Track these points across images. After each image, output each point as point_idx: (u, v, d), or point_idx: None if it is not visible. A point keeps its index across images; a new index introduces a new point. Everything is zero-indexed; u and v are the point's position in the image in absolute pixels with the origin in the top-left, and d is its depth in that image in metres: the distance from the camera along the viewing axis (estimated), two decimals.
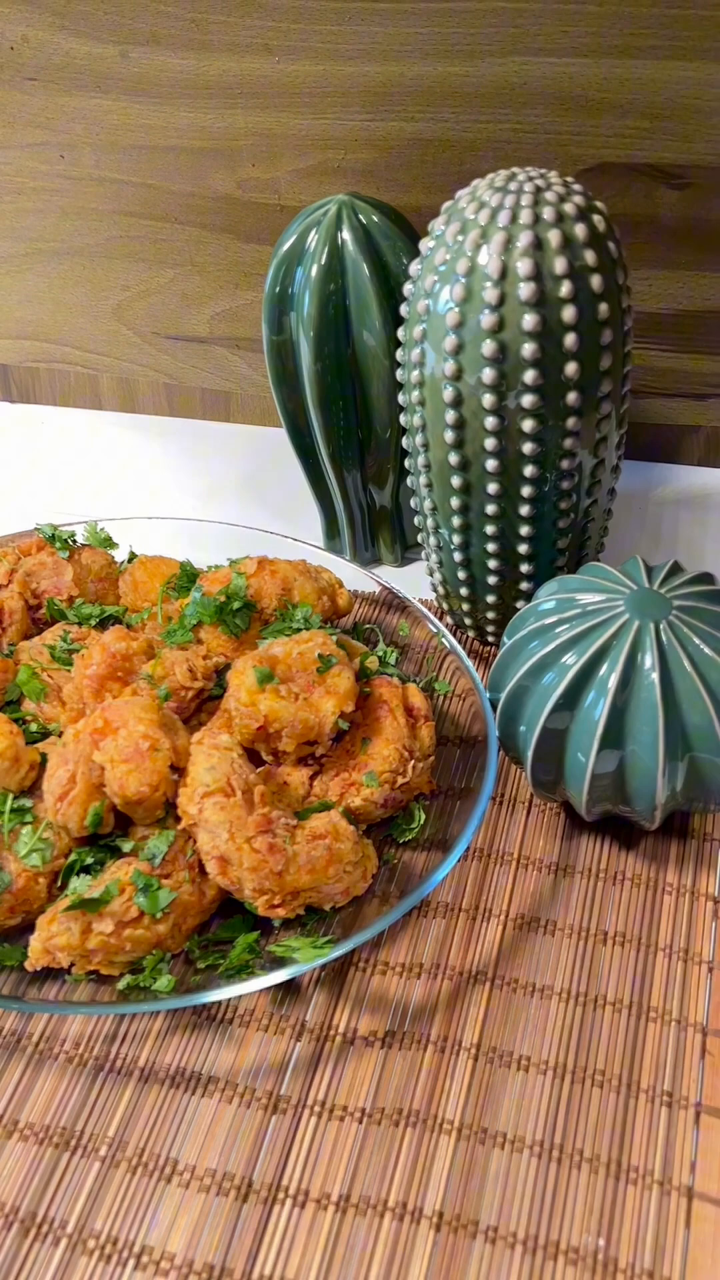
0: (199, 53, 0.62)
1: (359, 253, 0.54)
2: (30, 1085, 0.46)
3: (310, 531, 0.69)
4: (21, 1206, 0.43)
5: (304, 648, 0.52)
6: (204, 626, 0.56)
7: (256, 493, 0.76)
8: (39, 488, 0.77)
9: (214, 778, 0.47)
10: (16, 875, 0.47)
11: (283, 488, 0.76)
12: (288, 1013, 0.48)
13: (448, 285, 0.47)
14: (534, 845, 0.53)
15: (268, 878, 0.46)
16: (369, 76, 0.61)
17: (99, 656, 0.53)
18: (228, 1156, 0.44)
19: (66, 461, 0.80)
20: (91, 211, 0.72)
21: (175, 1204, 0.42)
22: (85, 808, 0.47)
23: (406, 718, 0.53)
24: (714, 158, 0.60)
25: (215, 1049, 0.47)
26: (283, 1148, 0.44)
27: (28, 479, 0.78)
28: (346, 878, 0.48)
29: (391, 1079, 0.45)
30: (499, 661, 0.52)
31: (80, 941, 0.45)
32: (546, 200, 0.46)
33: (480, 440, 0.50)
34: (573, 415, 0.49)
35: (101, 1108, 0.45)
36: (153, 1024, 0.48)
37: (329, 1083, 0.45)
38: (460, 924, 0.50)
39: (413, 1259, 0.40)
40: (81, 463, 0.80)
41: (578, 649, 0.48)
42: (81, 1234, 0.42)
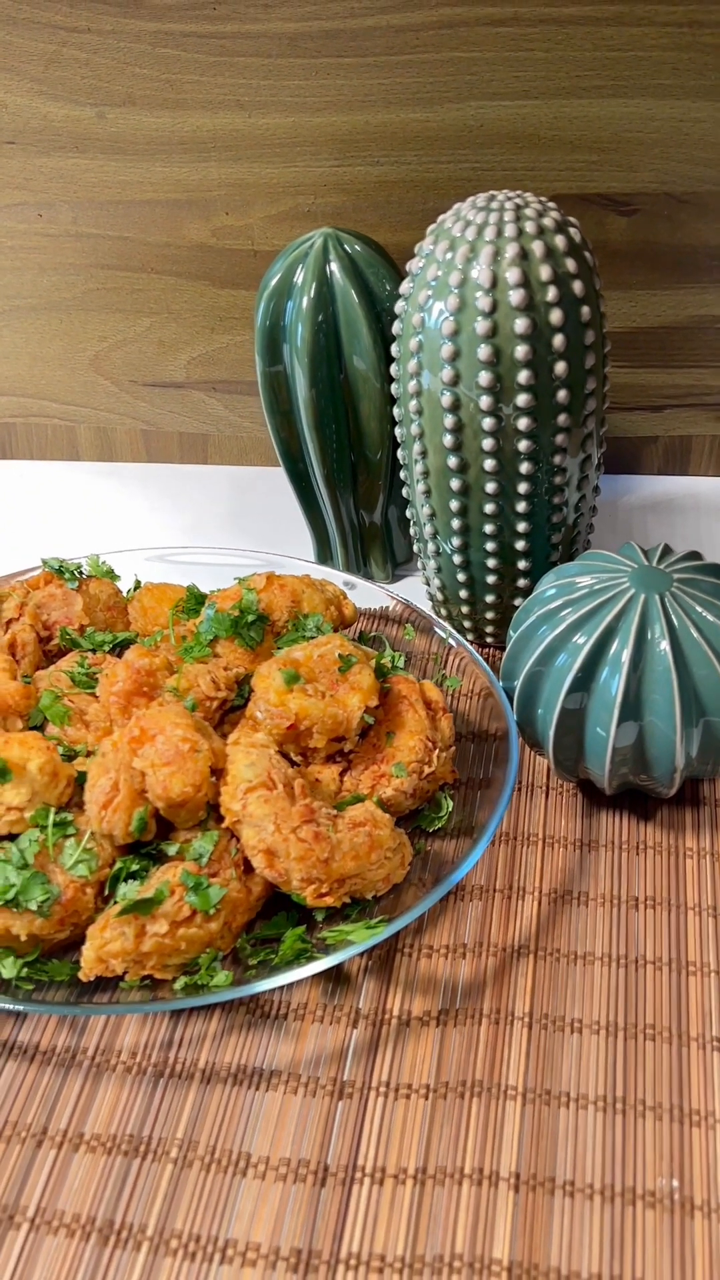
0: (174, 111, 0.66)
1: (347, 281, 0.58)
2: (91, 1097, 0.46)
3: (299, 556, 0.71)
4: (98, 1216, 0.42)
5: (324, 650, 0.54)
6: (220, 641, 0.57)
7: (240, 525, 0.78)
8: (21, 539, 0.78)
9: (255, 773, 0.48)
10: (65, 887, 0.47)
11: (266, 519, 0.78)
12: (340, 1002, 0.48)
13: (442, 298, 0.51)
14: (556, 825, 0.55)
15: (315, 866, 0.47)
16: (336, 126, 0.65)
17: (124, 674, 0.54)
18: (300, 1145, 0.44)
19: (47, 512, 0.81)
20: (68, 266, 0.75)
21: (254, 1195, 0.42)
22: (130, 814, 0.48)
23: (426, 711, 0.55)
24: (657, 185, 0.65)
25: (273, 1044, 0.47)
26: (354, 1130, 0.44)
27: (8, 532, 0.79)
28: (387, 864, 0.49)
29: (451, 1054, 0.46)
30: (509, 652, 0.54)
31: (135, 945, 0.46)
32: (527, 216, 0.50)
33: (478, 442, 0.53)
34: (563, 412, 0.53)
35: (166, 1112, 0.45)
36: (208, 1027, 0.48)
37: (391, 1064, 0.46)
38: (497, 903, 0.52)
39: (496, 1220, 0.41)
40: (63, 512, 0.81)
41: (587, 628, 0.51)
42: (163, 1235, 0.42)
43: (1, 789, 0.48)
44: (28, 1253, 0.41)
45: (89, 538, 0.78)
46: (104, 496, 0.82)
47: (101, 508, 0.81)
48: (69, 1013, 0.46)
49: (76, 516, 0.80)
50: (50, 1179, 0.43)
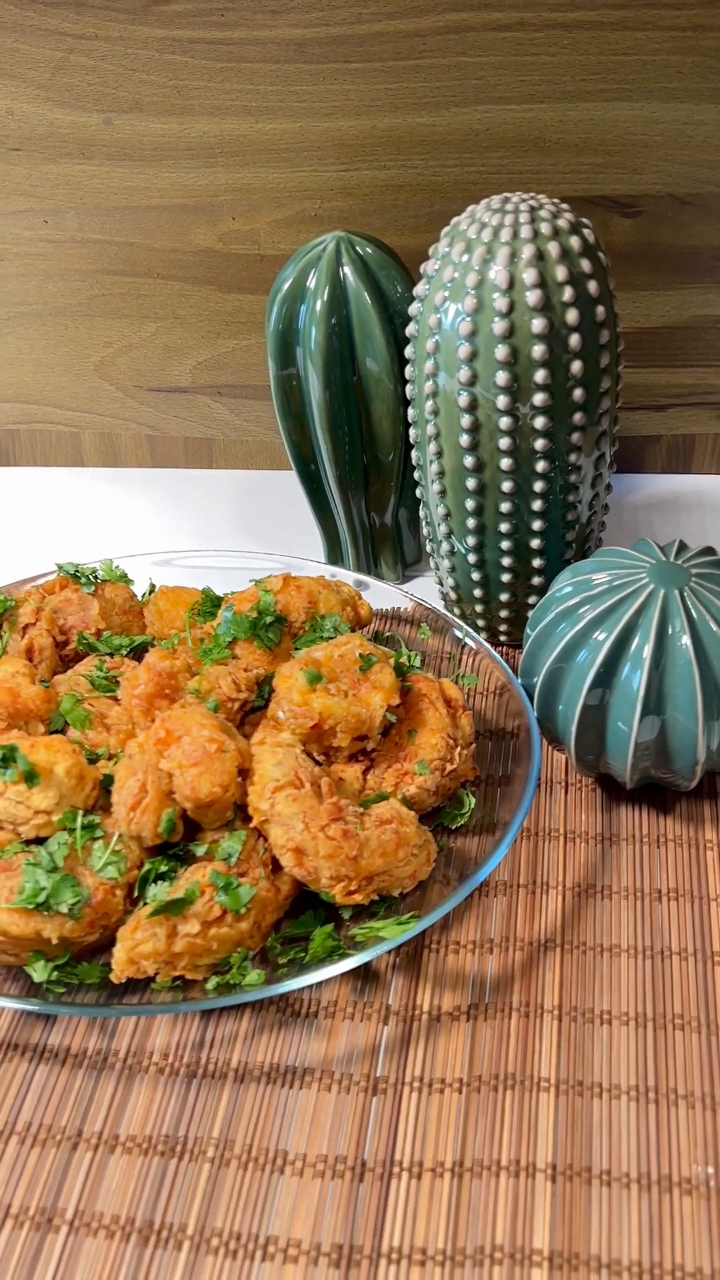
0: (181, 117, 0.67)
1: (360, 283, 0.58)
2: (124, 1099, 0.46)
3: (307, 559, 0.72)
4: (137, 1216, 0.42)
5: (344, 650, 0.55)
6: (239, 643, 0.57)
7: (248, 529, 0.78)
8: (27, 546, 0.78)
9: (282, 772, 0.49)
10: (94, 889, 0.47)
11: (272, 522, 0.78)
12: (370, 999, 0.49)
13: (459, 299, 0.51)
14: (577, 820, 0.56)
15: (344, 864, 0.47)
16: (343, 130, 0.66)
17: (146, 676, 0.54)
18: (336, 1141, 0.44)
19: (53, 518, 0.81)
20: (74, 272, 0.75)
21: (292, 1193, 0.43)
22: (159, 815, 0.48)
23: (446, 708, 0.55)
24: (661, 187, 0.66)
25: (305, 1042, 0.47)
26: (389, 1125, 0.44)
27: (14, 538, 0.79)
28: (413, 861, 0.49)
29: (483, 1048, 0.47)
30: (528, 650, 0.55)
31: (167, 946, 0.46)
32: (541, 217, 0.51)
33: (495, 441, 0.54)
34: (579, 411, 0.53)
35: (201, 1112, 0.45)
36: (239, 1026, 0.48)
37: (423, 1059, 0.46)
38: (521, 898, 0.52)
39: (535, 1211, 0.41)
40: (68, 518, 0.81)
41: (607, 625, 0.51)
42: (203, 1234, 0.42)
43: (29, 793, 0.48)
44: (68, 1255, 0.41)
45: (95, 543, 0.78)
46: (109, 502, 0.82)
47: (107, 513, 0.81)
48: (105, 1014, 0.46)
49: (82, 522, 0.80)
50: (87, 1181, 0.43)
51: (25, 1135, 0.45)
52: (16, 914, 0.46)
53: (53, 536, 0.79)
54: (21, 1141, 0.45)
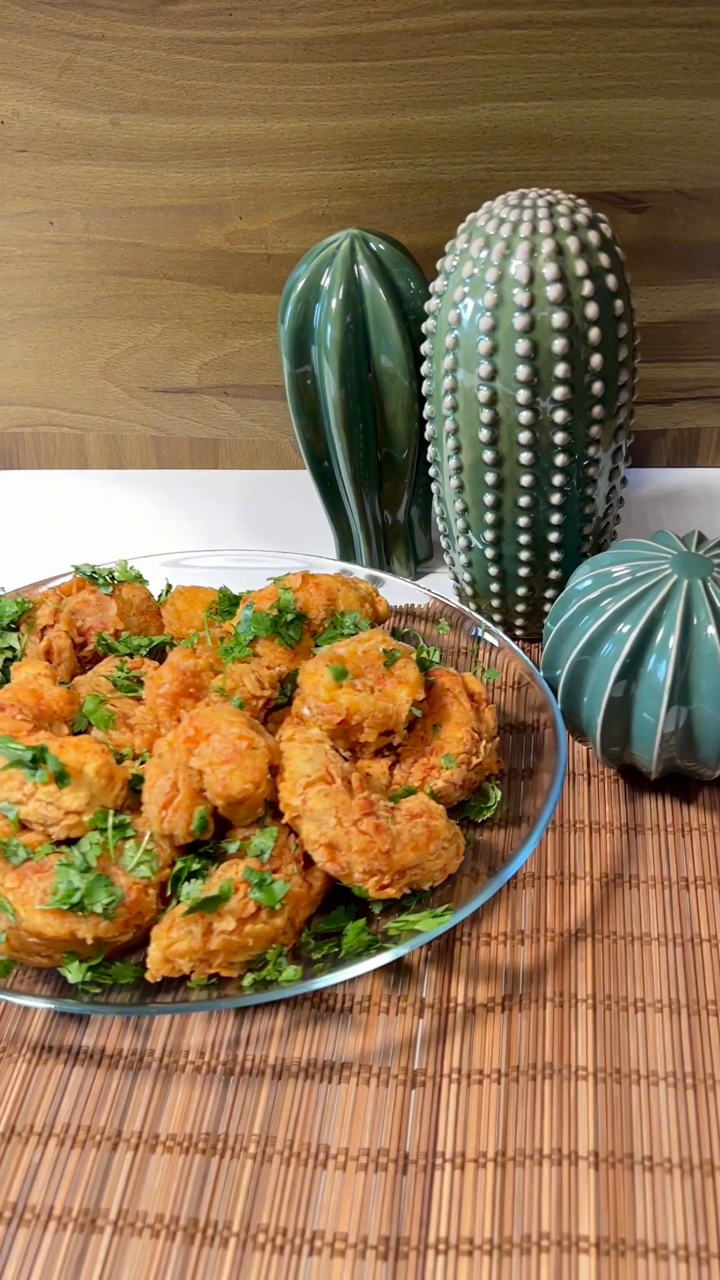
0: (188, 116, 0.67)
1: (375, 280, 0.59)
2: (162, 1099, 0.46)
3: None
4: (181, 1215, 0.42)
5: (367, 646, 0.55)
6: (260, 641, 0.57)
7: (256, 529, 0.78)
8: (34, 549, 0.78)
9: (313, 768, 0.49)
10: (128, 888, 0.47)
11: (281, 522, 0.78)
12: (404, 993, 0.49)
13: (479, 294, 0.52)
14: (601, 811, 0.56)
15: (377, 858, 0.47)
16: (350, 129, 0.66)
17: (170, 676, 0.54)
18: (378, 1134, 0.44)
19: (59, 521, 0.81)
20: (79, 274, 0.75)
21: (336, 1186, 0.43)
22: (190, 813, 0.48)
23: (469, 702, 0.55)
24: (667, 183, 0.66)
25: (341, 1037, 0.47)
26: (430, 1117, 0.44)
27: (22, 542, 0.79)
28: (444, 854, 0.50)
29: (520, 1038, 0.47)
30: (550, 644, 0.55)
31: (202, 944, 0.46)
32: (560, 212, 0.51)
33: (514, 435, 0.54)
34: (598, 404, 0.54)
35: (240, 1109, 0.45)
36: (274, 1023, 0.48)
37: (460, 1051, 0.47)
38: (550, 890, 0.53)
39: (579, 1198, 0.42)
40: (75, 521, 0.81)
41: (630, 617, 0.51)
42: (249, 1230, 0.42)
43: (60, 794, 0.48)
44: (113, 1255, 0.41)
45: (102, 546, 0.77)
46: (115, 504, 0.82)
47: (114, 515, 0.81)
48: (144, 1013, 0.46)
49: (89, 525, 0.80)
50: (129, 1181, 0.43)
51: (64, 1137, 0.45)
52: (51, 915, 0.46)
53: (60, 539, 0.79)
54: (61, 1143, 0.45)
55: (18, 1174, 0.44)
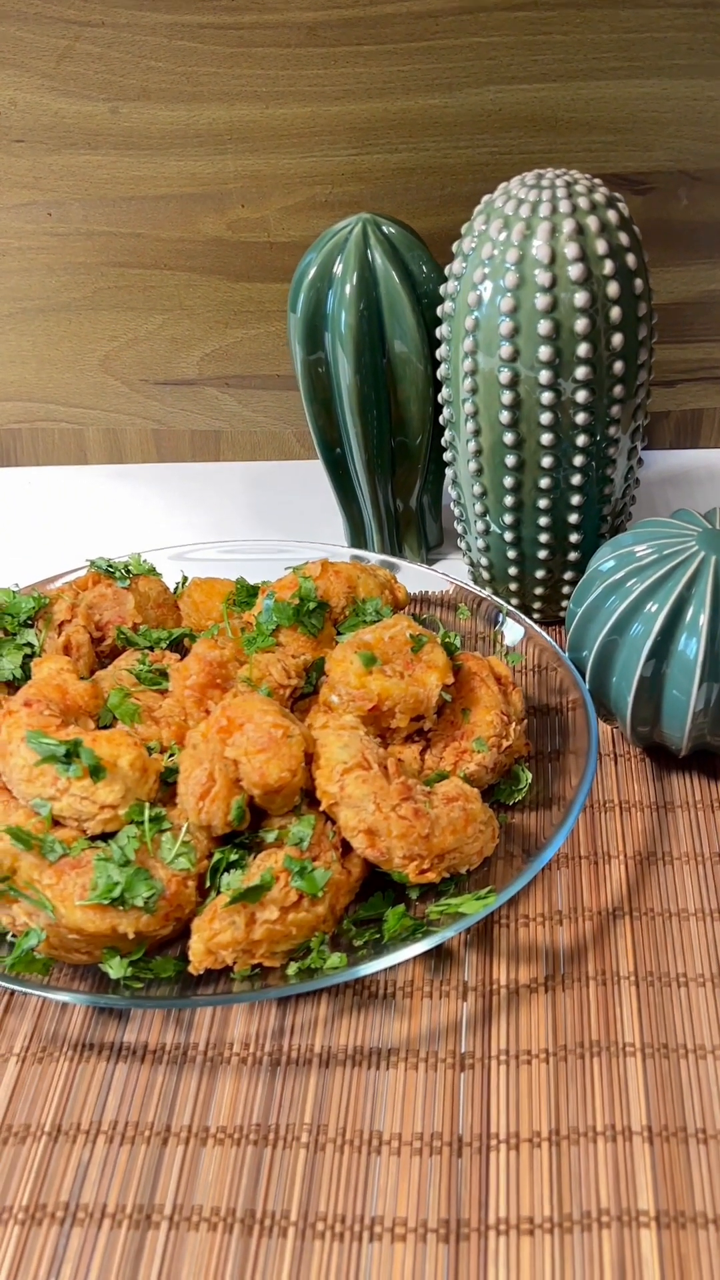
0: (190, 104, 0.66)
1: (388, 265, 0.58)
2: (210, 1091, 0.45)
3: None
4: (238, 1206, 0.42)
5: (393, 631, 0.54)
6: (282, 630, 0.57)
7: (263, 520, 0.78)
8: (38, 546, 0.77)
9: (350, 754, 0.49)
10: (167, 881, 0.47)
11: (287, 512, 0.78)
12: (446, 977, 0.49)
13: (500, 275, 0.51)
14: (630, 790, 0.56)
15: (416, 843, 0.47)
16: (354, 114, 0.66)
17: (197, 667, 0.53)
18: (430, 1118, 0.44)
19: (62, 517, 0.80)
20: (79, 266, 0.74)
21: (393, 1172, 0.43)
22: (228, 803, 0.48)
23: (497, 685, 0.55)
24: (672, 164, 0.67)
25: (386, 1023, 0.47)
26: (482, 1099, 0.44)
27: (25, 539, 0.78)
28: (481, 837, 0.50)
29: (565, 1017, 0.47)
30: (576, 627, 0.55)
31: (245, 934, 0.46)
32: (578, 192, 0.51)
33: (535, 417, 0.54)
34: (619, 384, 0.54)
35: (289, 1098, 0.45)
36: (317, 1012, 0.48)
37: (507, 1033, 0.47)
38: (584, 870, 0.53)
39: (636, 1173, 0.42)
40: (78, 516, 0.80)
41: (659, 596, 0.51)
42: (307, 1219, 0.41)
43: (94, 788, 0.48)
44: (171, 1250, 0.41)
45: (107, 541, 0.76)
46: (118, 499, 0.81)
47: (117, 510, 0.80)
48: (193, 1005, 0.46)
49: (92, 520, 0.79)
50: (182, 1175, 0.43)
51: (112, 1134, 0.44)
52: (91, 910, 0.45)
53: (63, 536, 0.78)
54: (109, 1140, 0.44)
55: (68, 1173, 0.43)
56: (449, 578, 0.63)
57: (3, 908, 0.47)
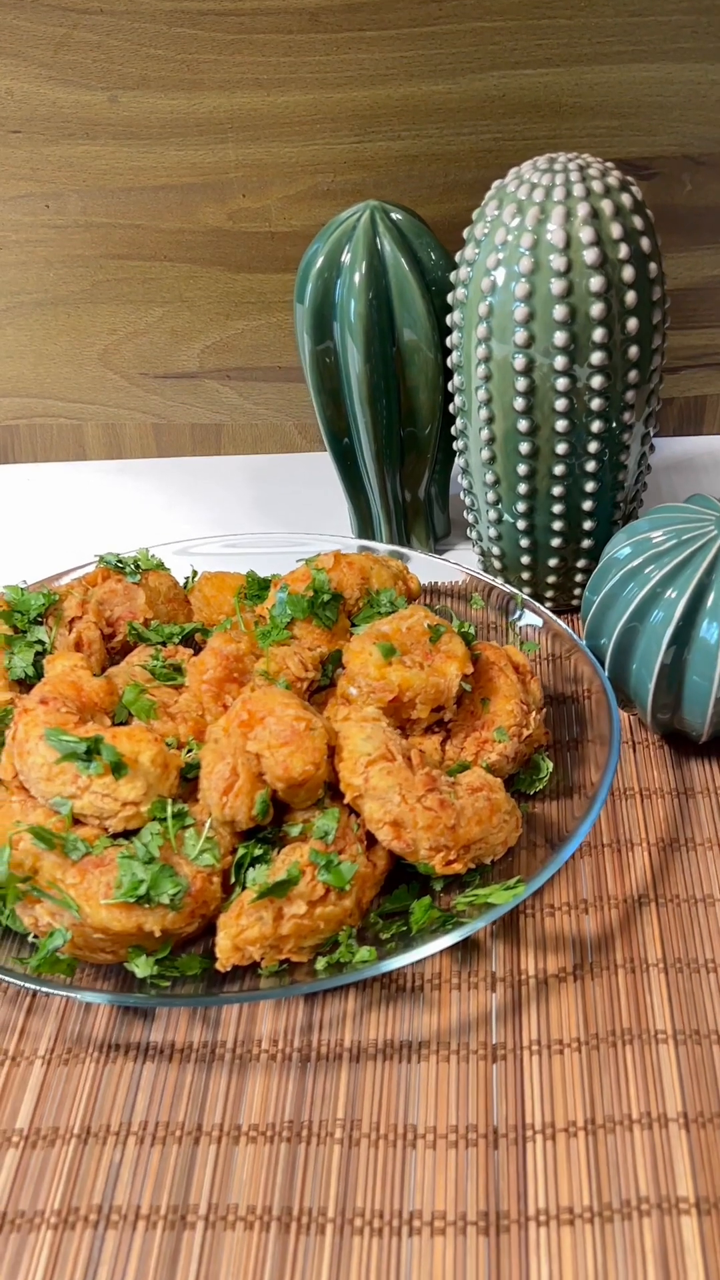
0: (190, 92, 0.65)
1: (397, 252, 0.58)
2: (240, 1089, 0.45)
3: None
4: (274, 1204, 0.41)
5: (410, 622, 0.54)
6: (297, 623, 0.56)
7: (266, 513, 0.77)
8: (40, 544, 0.76)
9: (373, 746, 0.48)
10: (192, 878, 0.46)
11: (291, 505, 0.77)
12: (474, 968, 0.48)
13: (515, 261, 0.51)
14: (649, 777, 0.56)
15: (442, 834, 0.47)
16: (357, 101, 0.65)
17: (213, 661, 0.53)
18: (465, 1111, 0.44)
19: (63, 515, 0.79)
20: (77, 258, 0.73)
21: (429, 1165, 0.42)
22: (252, 797, 0.47)
23: (515, 674, 0.55)
24: (675, 148, 0.66)
25: (415, 1016, 0.47)
26: (515, 1090, 0.44)
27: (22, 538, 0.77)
28: (505, 827, 0.49)
29: (595, 1006, 0.47)
30: (594, 614, 0.55)
31: (273, 929, 0.45)
32: (591, 175, 0.51)
33: (550, 403, 0.54)
34: (634, 369, 0.53)
35: (321, 1094, 0.45)
36: (345, 1006, 0.47)
37: (537, 1023, 0.46)
38: (608, 858, 0.52)
39: (674, 1160, 0.42)
40: (79, 513, 0.79)
41: (679, 583, 0.51)
42: (345, 1215, 0.41)
43: (116, 785, 0.47)
44: (208, 1250, 0.40)
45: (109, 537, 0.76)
46: (118, 494, 0.80)
47: (118, 506, 0.79)
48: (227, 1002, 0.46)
49: (93, 516, 0.78)
50: (216, 1174, 0.42)
51: (142, 1135, 0.44)
52: (117, 909, 0.45)
53: (64, 533, 0.77)
54: (140, 1141, 0.44)
55: (99, 1175, 0.43)
56: (462, 567, 0.63)
57: (25, 908, 0.47)
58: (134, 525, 0.77)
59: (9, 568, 0.72)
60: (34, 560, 0.73)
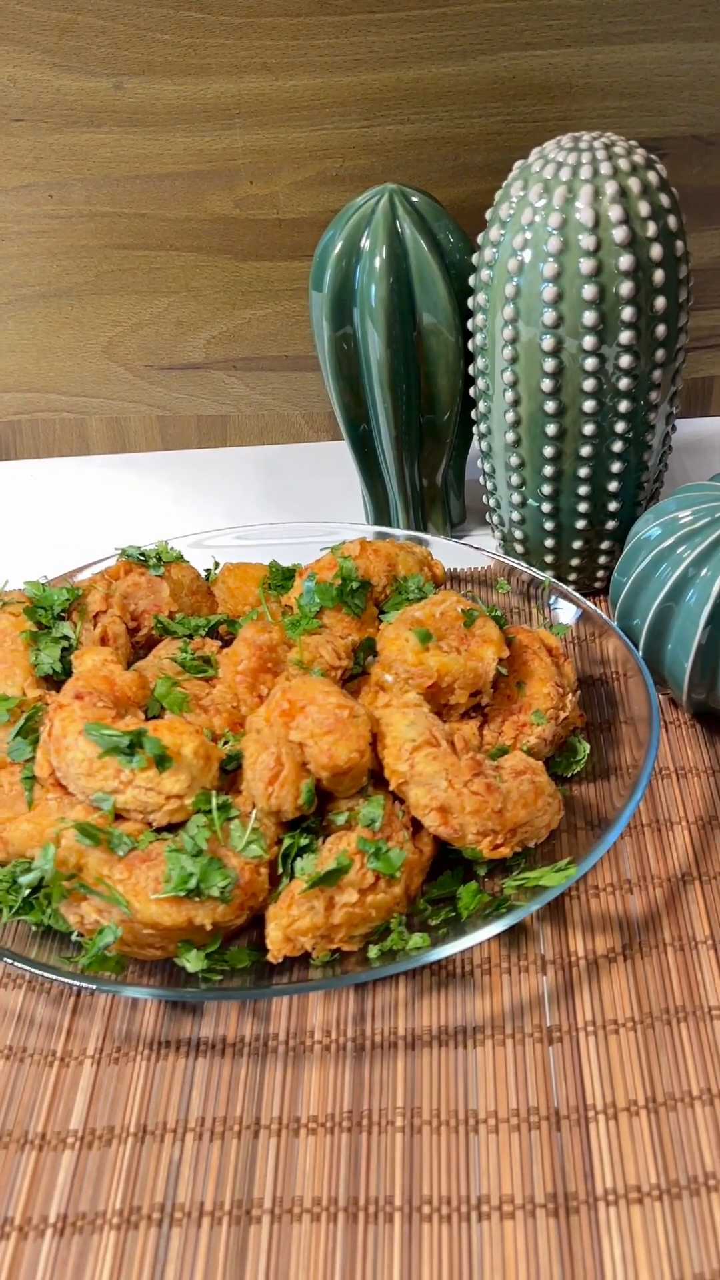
0: (196, 77, 0.64)
1: (417, 235, 0.57)
2: (296, 1081, 0.44)
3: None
4: (339, 1195, 0.41)
5: (443, 607, 0.54)
6: (326, 611, 0.56)
7: (279, 504, 0.77)
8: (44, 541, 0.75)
9: (417, 732, 0.48)
10: (240, 870, 0.45)
11: (302, 494, 0.77)
12: (523, 952, 0.48)
13: (543, 241, 0.51)
14: (684, 756, 0.56)
15: (490, 818, 0.47)
16: (366, 84, 0.64)
17: (247, 652, 0.52)
18: (525, 1094, 0.44)
19: (71, 511, 0.78)
20: (81, 249, 0.72)
21: (493, 1150, 0.42)
22: (297, 786, 0.47)
23: (549, 657, 0.55)
24: (685, 128, 0.66)
25: (468, 1001, 0.46)
26: (574, 1072, 0.44)
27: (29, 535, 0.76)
28: (549, 810, 0.49)
29: (647, 985, 0.47)
30: (625, 596, 0.55)
31: (325, 919, 0.45)
32: (617, 154, 0.51)
33: (578, 383, 0.53)
34: (660, 348, 0.53)
35: (379, 1083, 0.44)
36: (396, 994, 0.47)
37: (590, 1003, 0.46)
38: (648, 838, 0.52)
39: None
40: (86, 509, 0.78)
41: (712, 563, 0.51)
42: (413, 1203, 0.41)
43: (160, 778, 0.46)
44: (277, 1243, 0.40)
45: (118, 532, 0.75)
46: (125, 489, 0.79)
47: (126, 500, 0.78)
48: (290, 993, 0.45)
49: (101, 512, 0.77)
50: (278, 1167, 0.42)
51: (200, 1131, 0.43)
52: (167, 903, 0.44)
53: (73, 529, 0.76)
54: (198, 1137, 0.43)
55: (159, 1173, 0.42)
56: (487, 552, 0.63)
57: (70, 907, 0.46)
58: (143, 519, 0.76)
59: (20, 566, 0.71)
60: (44, 557, 0.71)
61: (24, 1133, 0.43)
